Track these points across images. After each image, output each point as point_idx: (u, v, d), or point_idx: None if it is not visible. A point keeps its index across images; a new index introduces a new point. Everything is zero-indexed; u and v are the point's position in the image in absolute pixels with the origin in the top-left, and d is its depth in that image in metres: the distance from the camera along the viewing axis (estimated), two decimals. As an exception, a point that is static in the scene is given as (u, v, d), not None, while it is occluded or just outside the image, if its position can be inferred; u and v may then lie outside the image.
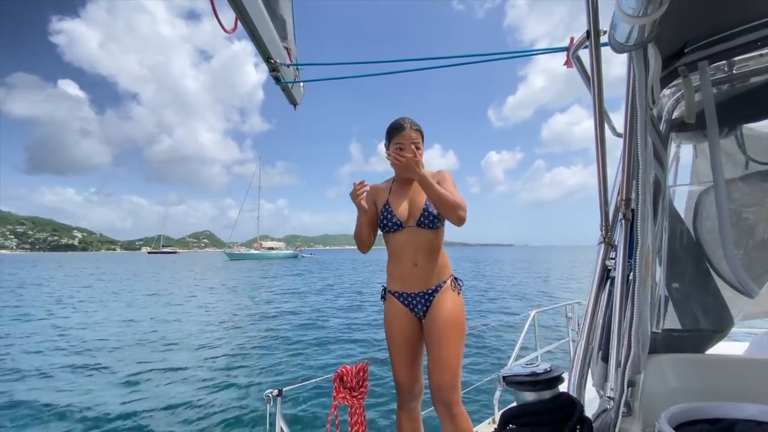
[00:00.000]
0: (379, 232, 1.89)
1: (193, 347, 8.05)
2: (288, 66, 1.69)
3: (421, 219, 1.74)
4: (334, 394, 1.81)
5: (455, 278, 1.83)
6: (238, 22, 1.39)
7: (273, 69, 1.58)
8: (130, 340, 8.71)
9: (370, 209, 1.86)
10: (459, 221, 1.69)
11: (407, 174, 1.71)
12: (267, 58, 1.54)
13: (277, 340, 8.59)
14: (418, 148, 1.77)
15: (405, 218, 1.77)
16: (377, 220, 1.87)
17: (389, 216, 1.77)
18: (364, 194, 1.72)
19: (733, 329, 1.37)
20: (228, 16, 1.41)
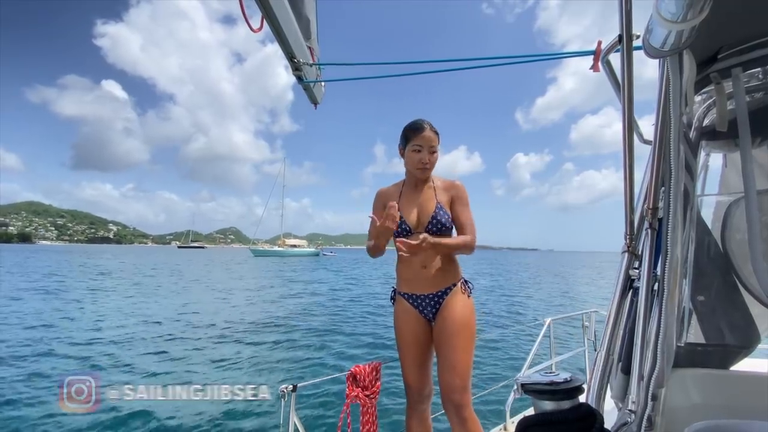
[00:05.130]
0: None
1: (214, 339, 8.25)
2: (311, 65, 1.71)
3: (429, 227, 1.74)
4: (347, 392, 1.82)
5: (465, 281, 1.81)
6: (264, 22, 1.42)
7: (296, 68, 1.61)
8: (158, 328, 9.05)
9: (380, 215, 1.87)
10: (470, 253, 1.77)
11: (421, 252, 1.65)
12: (291, 57, 1.57)
13: (293, 336, 8.70)
14: (434, 152, 1.76)
15: (414, 224, 1.76)
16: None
17: (399, 222, 1.76)
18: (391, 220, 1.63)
19: (760, 346, 1.32)
20: (256, 16, 1.44)
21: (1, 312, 10.93)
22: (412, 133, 1.76)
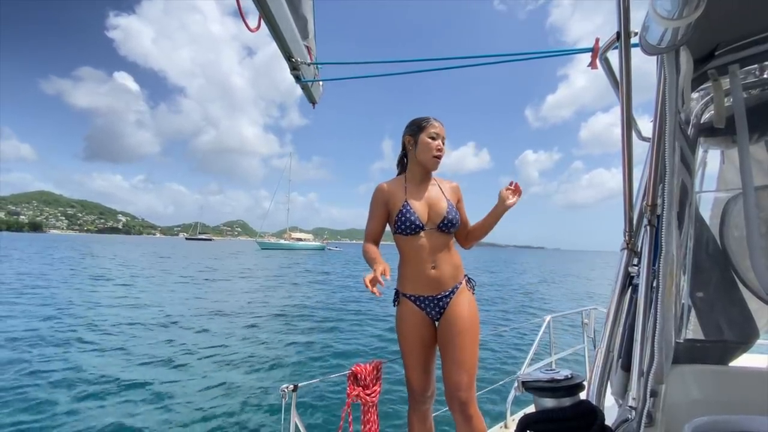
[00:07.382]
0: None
1: (215, 337, 8.19)
2: (308, 65, 1.70)
3: (443, 224, 1.73)
4: (348, 391, 1.81)
5: (468, 278, 1.83)
6: (262, 21, 1.41)
7: (294, 68, 1.60)
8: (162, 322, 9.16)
9: (381, 212, 1.83)
10: (469, 247, 1.97)
11: (510, 205, 1.79)
12: (288, 56, 1.55)
13: (294, 335, 8.63)
14: (443, 144, 1.82)
15: (425, 220, 1.75)
16: (387, 221, 1.84)
17: (410, 217, 1.73)
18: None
19: (758, 341, 1.33)
20: (254, 15, 1.43)
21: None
22: (425, 122, 1.80)
